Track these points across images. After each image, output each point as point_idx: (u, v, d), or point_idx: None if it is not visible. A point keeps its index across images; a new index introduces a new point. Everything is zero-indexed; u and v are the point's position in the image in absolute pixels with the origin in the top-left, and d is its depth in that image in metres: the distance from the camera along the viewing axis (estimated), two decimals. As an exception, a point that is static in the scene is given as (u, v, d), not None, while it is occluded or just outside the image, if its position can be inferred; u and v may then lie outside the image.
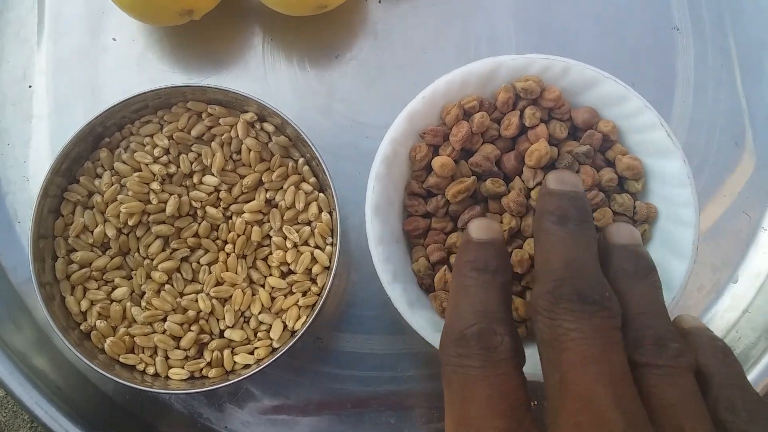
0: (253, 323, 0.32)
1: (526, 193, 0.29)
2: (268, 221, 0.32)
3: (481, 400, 0.20)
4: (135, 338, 0.31)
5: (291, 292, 0.32)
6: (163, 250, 0.32)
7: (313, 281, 0.32)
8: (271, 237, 0.32)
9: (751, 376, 0.33)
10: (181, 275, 0.32)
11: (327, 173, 0.31)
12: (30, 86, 0.38)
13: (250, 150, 0.32)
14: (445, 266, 0.29)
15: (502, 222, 0.29)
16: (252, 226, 0.32)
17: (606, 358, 0.20)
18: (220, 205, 0.32)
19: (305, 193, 0.32)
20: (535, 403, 0.31)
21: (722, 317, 0.36)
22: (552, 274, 0.22)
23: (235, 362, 0.31)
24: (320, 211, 0.32)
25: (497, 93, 0.30)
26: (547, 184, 0.25)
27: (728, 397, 0.21)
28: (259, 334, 0.32)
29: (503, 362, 0.21)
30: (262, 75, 0.37)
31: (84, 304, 0.31)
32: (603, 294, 0.21)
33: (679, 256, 0.28)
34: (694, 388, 0.21)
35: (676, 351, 0.21)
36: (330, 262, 0.32)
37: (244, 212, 0.32)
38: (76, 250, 0.32)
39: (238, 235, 0.32)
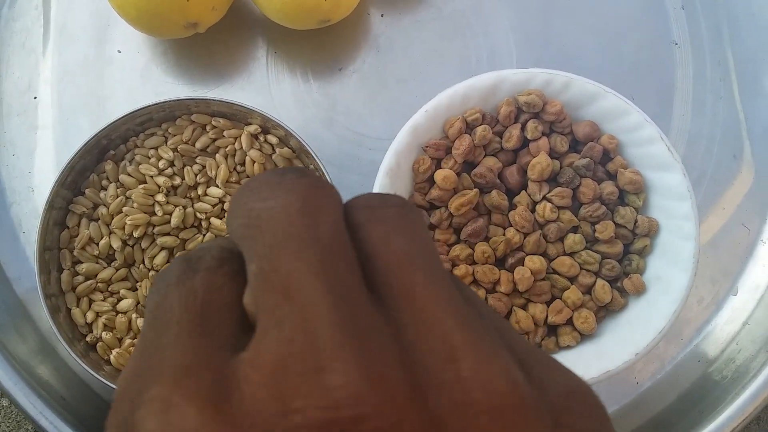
0: (257, 334, 0.32)
1: (531, 207, 0.30)
2: (272, 233, 0.33)
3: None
4: (139, 349, 0.31)
5: (294, 304, 0.32)
6: (168, 261, 0.32)
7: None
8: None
9: (751, 389, 0.33)
10: (186, 286, 0.32)
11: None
12: (35, 97, 0.38)
13: (254, 162, 0.33)
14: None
15: (505, 234, 0.29)
16: (256, 238, 0.32)
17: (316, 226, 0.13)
18: (224, 217, 0.33)
19: (309, 204, 0.33)
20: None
21: (722, 330, 0.36)
22: None
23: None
24: (323, 222, 0.33)
25: (499, 106, 0.31)
26: None
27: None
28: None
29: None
30: (266, 87, 0.38)
31: (90, 316, 0.31)
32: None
33: (680, 269, 0.28)
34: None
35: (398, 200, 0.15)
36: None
37: (248, 224, 0.32)
38: (82, 262, 0.32)
39: (242, 247, 0.32)
